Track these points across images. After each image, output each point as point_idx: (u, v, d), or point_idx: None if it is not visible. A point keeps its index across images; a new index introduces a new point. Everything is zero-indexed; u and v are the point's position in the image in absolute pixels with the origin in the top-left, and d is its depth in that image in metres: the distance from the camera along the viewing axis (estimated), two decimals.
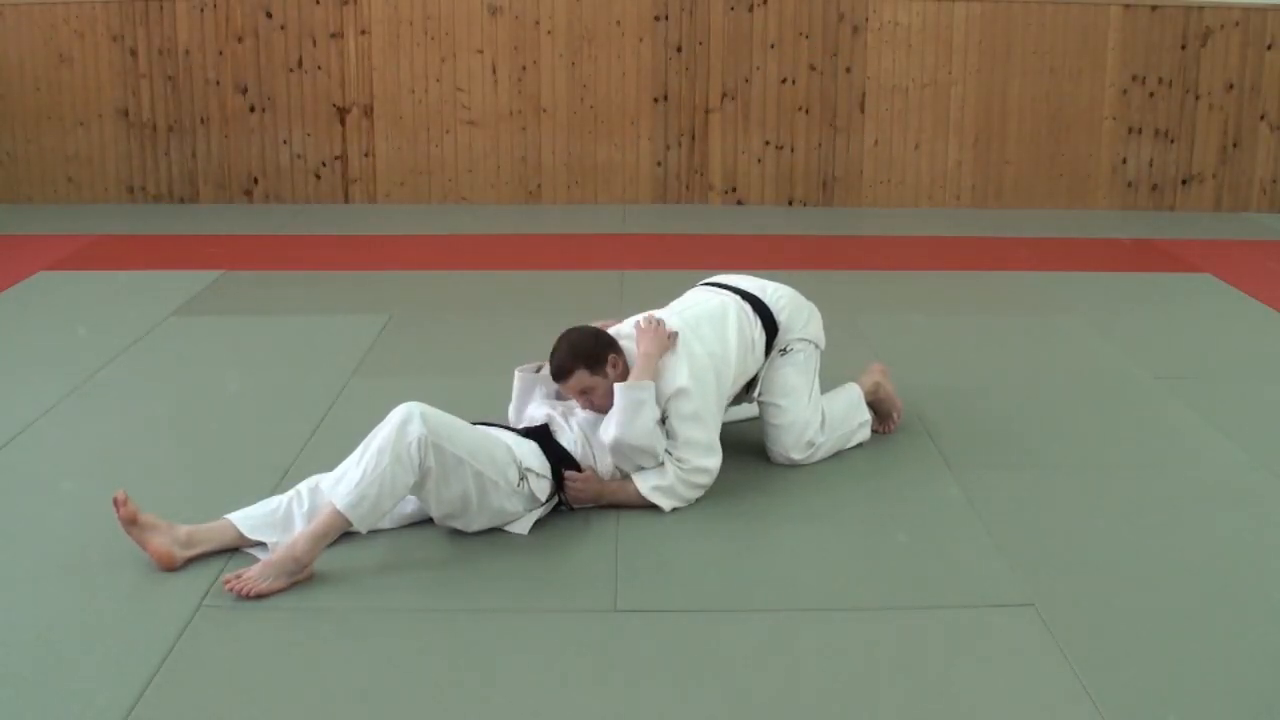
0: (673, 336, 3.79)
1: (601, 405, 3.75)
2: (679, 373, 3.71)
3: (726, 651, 3.00)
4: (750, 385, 4.04)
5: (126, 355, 5.20)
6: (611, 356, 3.73)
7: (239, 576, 3.21)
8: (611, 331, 3.90)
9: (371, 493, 3.26)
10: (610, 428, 3.64)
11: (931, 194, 8.54)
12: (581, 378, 3.70)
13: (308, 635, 3.06)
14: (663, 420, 3.71)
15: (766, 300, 4.07)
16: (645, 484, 3.68)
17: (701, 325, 3.89)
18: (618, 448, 3.64)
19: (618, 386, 3.63)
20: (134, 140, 8.39)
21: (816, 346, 4.12)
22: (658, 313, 3.94)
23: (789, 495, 3.87)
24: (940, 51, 8.31)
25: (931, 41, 8.30)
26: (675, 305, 4.04)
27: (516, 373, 3.96)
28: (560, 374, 3.73)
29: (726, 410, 3.96)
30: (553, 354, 3.75)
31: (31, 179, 8.47)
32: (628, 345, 3.81)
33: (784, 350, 4.05)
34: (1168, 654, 2.98)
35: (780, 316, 4.06)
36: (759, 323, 4.01)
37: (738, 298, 4.05)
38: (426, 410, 3.36)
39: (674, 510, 3.69)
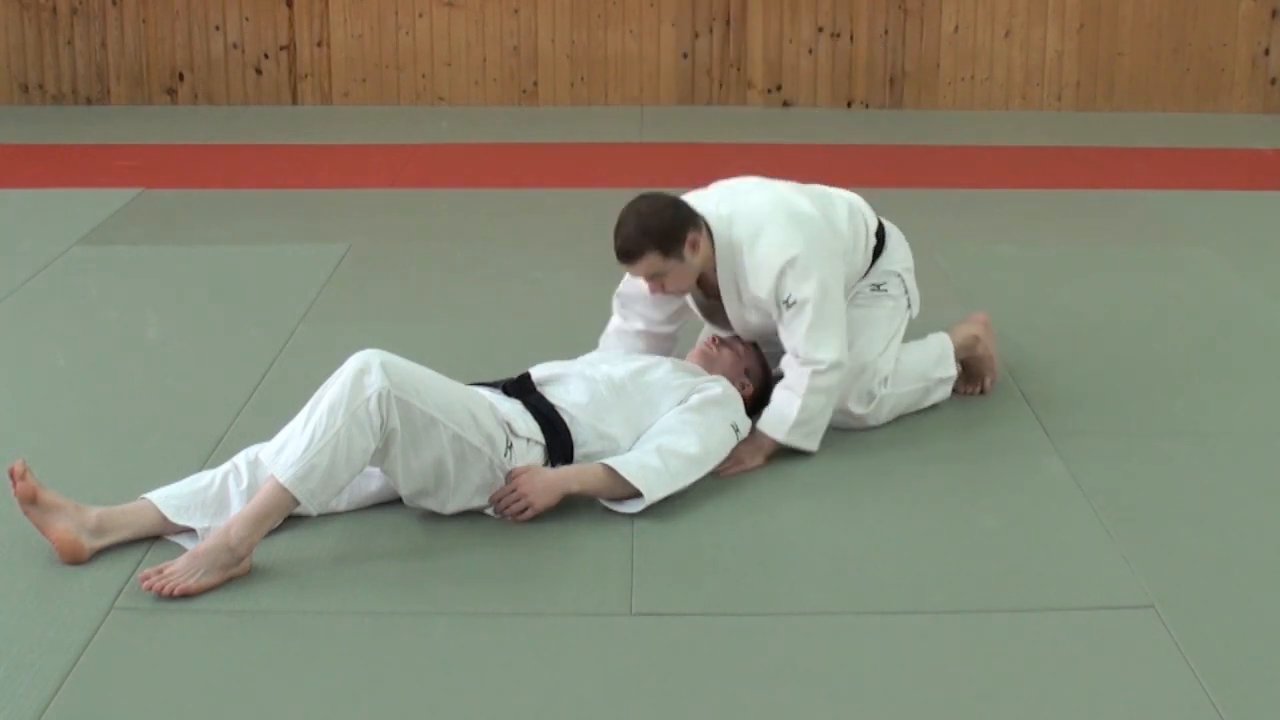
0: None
1: (676, 290, 3.85)
2: (789, 237, 3.77)
3: (766, 663, 2.98)
4: None
5: (21, 294, 5.19)
6: (691, 235, 3.77)
7: (160, 571, 3.19)
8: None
9: (322, 462, 3.24)
10: (690, 442, 3.66)
11: (1025, 93, 8.48)
12: (652, 262, 3.75)
13: (245, 643, 3.04)
14: (788, 303, 3.77)
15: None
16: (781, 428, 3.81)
17: (801, 191, 3.97)
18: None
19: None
20: (29, 26, 8.35)
21: (909, 305, 4.18)
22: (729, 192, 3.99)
23: (844, 469, 3.85)
24: None
25: None
26: (752, 180, 4.08)
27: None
28: (626, 255, 3.77)
29: None
30: (617, 228, 3.79)
31: None
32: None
33: (878, 286, 4.09)
34: None
35: (889, 234, 4.15)
36: (875, 222, 4.10)
37: (847, 191, 4.14)
38: (388, 359, 3.34)
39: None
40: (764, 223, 3.82)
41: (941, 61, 8.43)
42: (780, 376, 3.89)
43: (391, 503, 3.57)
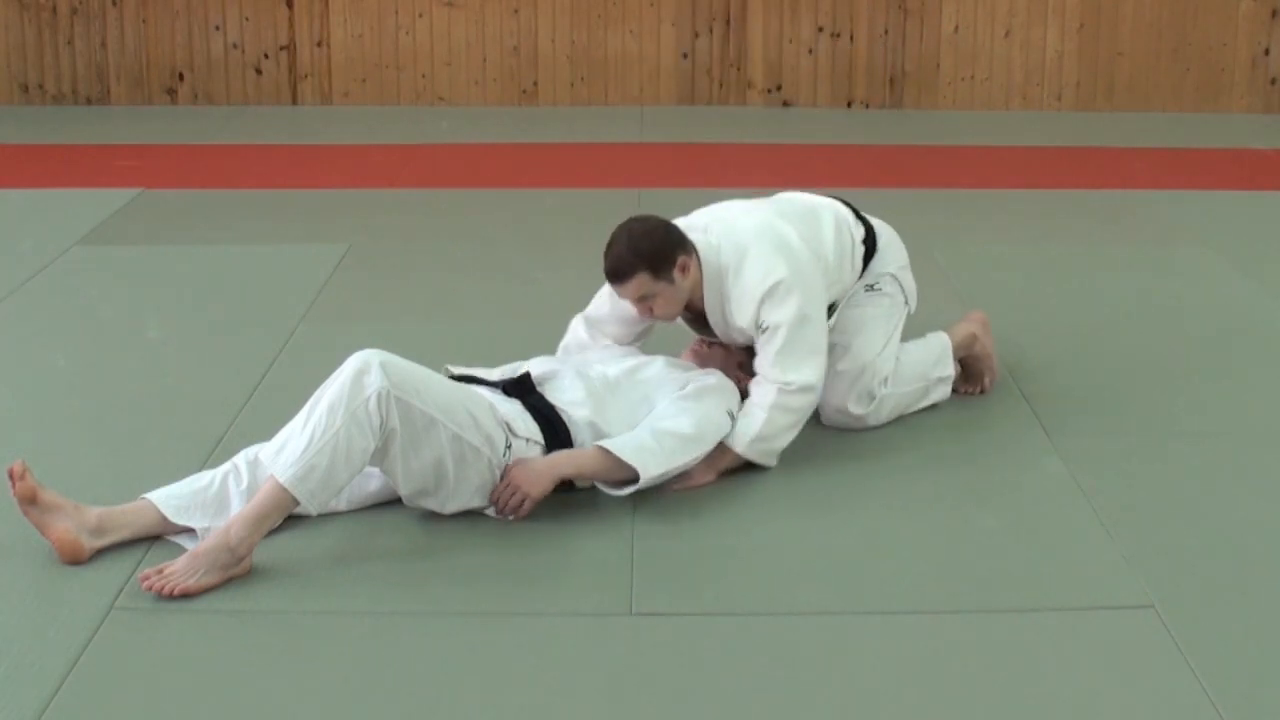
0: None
1: (664, 315, 3.84)
2: (771, 265, 3.75)
3: (766, 662, 2.98)
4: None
5: (21, 293, 5.18)
6: (681, 258, 3.76)
7: (160, 571, 3.19)
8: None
9: (322, 462, 3.24)
10: (682, 421, 3.66)
11: (1025, 93, 8.47)
12: (642, 282, 3.74)
13: (245, 643, 3.04)
14: (762, 328, 3.76)
15: (865, 215, 4.16)
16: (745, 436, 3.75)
17: (788, 216, 3.95)
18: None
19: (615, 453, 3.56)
20: (29, 26, 8.35)
21: (906, 301, 4.17)
22: (717, 215, 3.99)
23: (843, 469, 3.84)
24: None
25: None
26: (739, 204, 4.07)
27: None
28: (616, 274, 3.77)
29: None
30: (608, 249, 3.79)
31: None
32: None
33: (872, 286, 4.09)
34: None
35: (880, 235, 4.13)
36: (862, 230, 4.08)
37: (832, 200, 4.13)
38: (388, 359, 3.34)
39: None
40: (749, 250, 3.82)
41: (941, 61, 8.42)
42: None
43: (391, 503, 3.56)
